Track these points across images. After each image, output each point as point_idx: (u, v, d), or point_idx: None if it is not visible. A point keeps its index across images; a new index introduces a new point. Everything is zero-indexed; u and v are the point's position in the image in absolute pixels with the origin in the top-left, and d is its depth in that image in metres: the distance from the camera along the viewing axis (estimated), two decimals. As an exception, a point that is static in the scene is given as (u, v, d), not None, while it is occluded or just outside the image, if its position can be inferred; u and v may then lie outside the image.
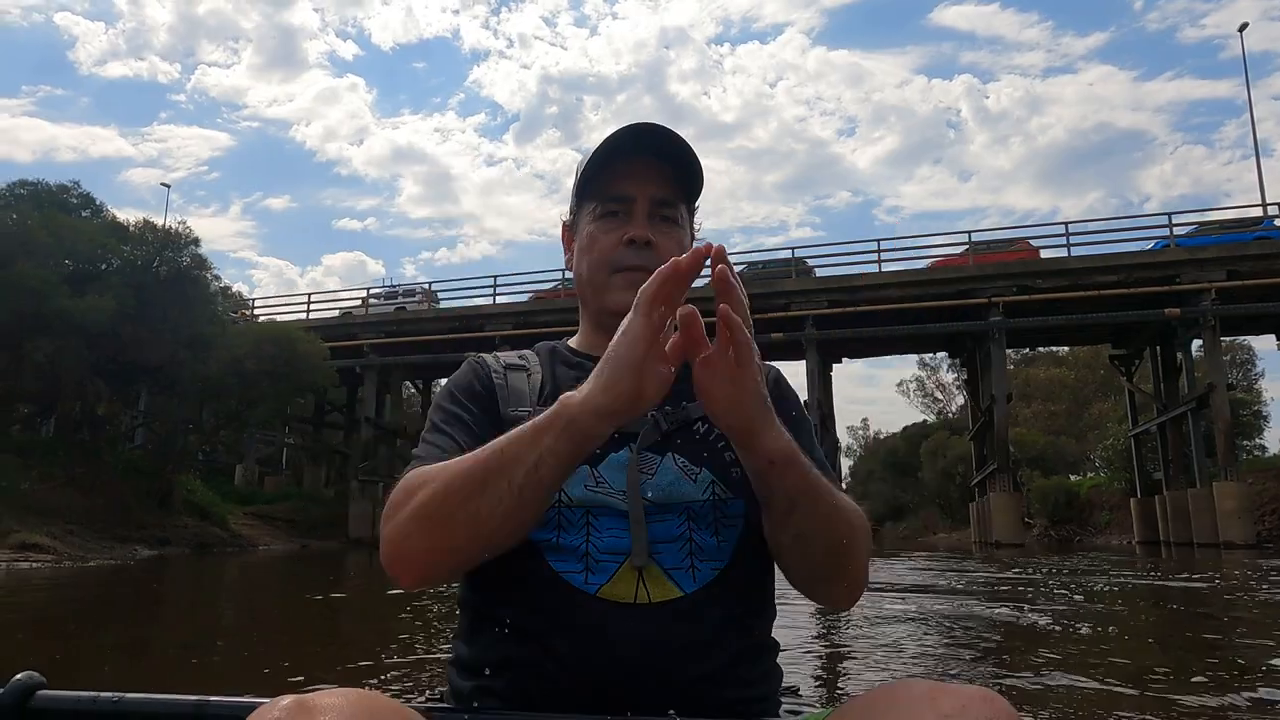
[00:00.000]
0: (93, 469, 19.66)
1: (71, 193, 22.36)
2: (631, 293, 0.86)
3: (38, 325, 17.06)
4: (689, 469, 0.90)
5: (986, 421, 24.99)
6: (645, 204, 1.00)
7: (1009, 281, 23.21)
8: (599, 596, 0.83)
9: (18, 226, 18.48)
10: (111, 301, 17.54)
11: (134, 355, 19.45)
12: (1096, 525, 32.17)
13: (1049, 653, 4.52)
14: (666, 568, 0.85)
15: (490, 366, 1.00)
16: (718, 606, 0.86)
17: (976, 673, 3.98)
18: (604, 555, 0.85)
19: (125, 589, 9.64)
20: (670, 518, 0.88)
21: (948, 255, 25.37)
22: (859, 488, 63.66)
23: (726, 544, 0.89)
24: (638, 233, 0.98)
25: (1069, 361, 45.70)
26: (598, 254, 1.00)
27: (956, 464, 39.16)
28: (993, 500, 23.19)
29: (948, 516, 43.12)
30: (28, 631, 5.73)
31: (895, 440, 52.62)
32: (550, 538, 0.86)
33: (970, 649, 4.74)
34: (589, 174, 1.01)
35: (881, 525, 52.30)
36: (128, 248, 20.45)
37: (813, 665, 4.19)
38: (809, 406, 24.65)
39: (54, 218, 18.95)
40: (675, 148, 0.99)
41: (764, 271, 26.70)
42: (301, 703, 0.60)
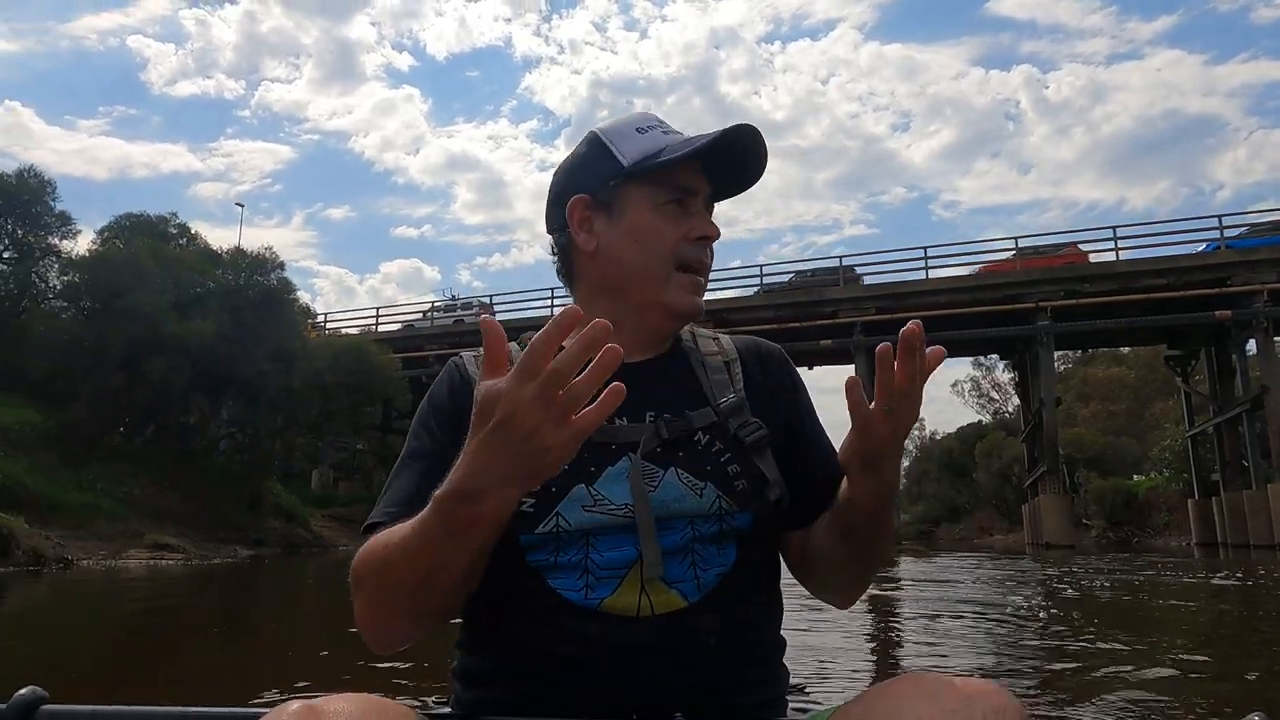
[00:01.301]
0: (191, 475, 21.54)
1: (170, 223, 24.50)
2: (694, 295, 0.93)
3: (151, 347, 18.94)
4: (692, 483, 0.88)
5: (1037, 424, 25.30)
6: (704, 201, 0.97)
7: (1057, 286, 23.51)
8: (601, 611, 0.82)
9: (128, 257, 20.46)
10: (213, 324, 19.36)
11: (228, 370, 21.28)
12: (1155, 526, 31.98)
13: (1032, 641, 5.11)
14: (670, 580, 0.84)
15: (469, 376, 0.94)
16: (722, 613, 0.85)
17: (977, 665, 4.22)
18: (605, 570, 0.83)
19: (276, 583, 11.01)
20: (672, 529, 0.86)
21: (995, 261, 25.74)
22: (914, 488, 63.36)
23: (729, 552, 0.88)
24: (713, 230, 0.96)
25: (1129, 360, 45.05)
26: (659, 246, 0.94)
27: (1012, 465, 39.08)
28: (1042, 502, 23.54)
29: (1004, 518, 42.96)
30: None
31: (950, 441, 52.44)
32: (548, 559, 0.84)
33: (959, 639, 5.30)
34: (653, 156, 0.94)
35: (937, 526, 52.12)
36: (222, 272, 22.42)
37: (819, 662, 4.26)
38: (858, 411, 25.31)
39: (158, 248, 20.95)
40: (755, 165, 0.97)
41: (811, 279, 27.43)
42: (311, 708, 0.60)
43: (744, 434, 0.91)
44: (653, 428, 0.89)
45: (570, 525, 0.84)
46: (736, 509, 0.87)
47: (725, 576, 0.85)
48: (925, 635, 5.41)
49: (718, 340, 1.03)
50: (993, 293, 24.18)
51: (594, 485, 0.86)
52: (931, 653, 4.76)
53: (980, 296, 24.26)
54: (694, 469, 0.88)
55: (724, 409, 0.93)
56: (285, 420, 25.48)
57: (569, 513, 0.85)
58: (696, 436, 0.91)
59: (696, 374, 0.96)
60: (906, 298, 25.28)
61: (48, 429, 18.08)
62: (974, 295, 24.38)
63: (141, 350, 19.01)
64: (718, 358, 0.99)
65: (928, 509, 55.84)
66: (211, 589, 10.23)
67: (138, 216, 24.21)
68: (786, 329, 26.39)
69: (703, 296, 0.96)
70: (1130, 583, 9.88)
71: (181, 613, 7.65)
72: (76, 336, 19.45)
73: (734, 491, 0.88)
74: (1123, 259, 23.68)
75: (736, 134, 0.93)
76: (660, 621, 0.82)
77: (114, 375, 19.11)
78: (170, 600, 8.77)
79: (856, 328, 25.31)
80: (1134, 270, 23.00)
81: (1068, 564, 13.40)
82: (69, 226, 23.14)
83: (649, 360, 0.97)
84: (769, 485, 0.90)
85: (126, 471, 19.40)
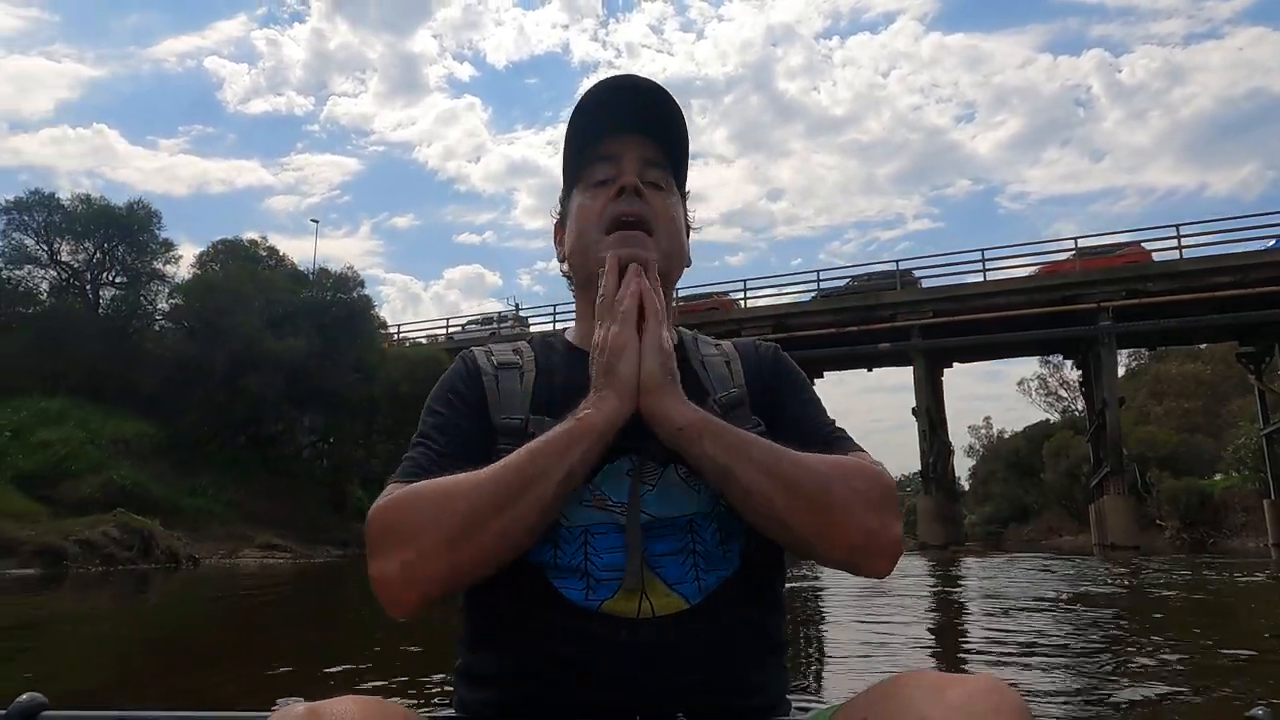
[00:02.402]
0: (281, 481, 23.27)
1: (259, 245, 26.43)
2: (619, 246, 0.92)
3: (248, 363, 20.67)
4: (693, 480, 0.87)
5: (1100, 424, 25.15)
6: (634, 162, 0.96)
7: (1118, 286, 23.35)
8: (601, 612, 0.81)
9: (226, 280, 22.30)
10: (303, 340, 21.02)
11: (316, 382, 22.96)
12: (1231, 527, 31.17)
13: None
14: (670, 581, 0.83)
15: (481, 368, 0.96)
16: (724, 615, 0.84)
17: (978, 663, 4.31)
18: (605, 573, 0.83)
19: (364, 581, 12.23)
20: (672, 531, 0.85)
21: (1054, 262, 25.65)
22: (980, 489, 62.32)
23: (732, 552, 0.86)
24: (628, 179, 0.94)
25: (1205, 356, 43.71)
26: (587, 217, 0.96)
27: (1080, 465, 38.44)
28: (1107, 503, 23.46)
29: (1073, 518, 42.22)
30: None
31: (1018, 440, 51.61)
32: (548, 557, 0.84)
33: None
34: (573, 153, 0.99)
35: (1005, 527, 51.32)
36: (308, 291, 24.16)
37: (824, 660, 4.32)
38: (916, 413, 25.58)
39: (253, 271, 22.77)
40: (661, 109, 0.97)
41: (869, 283, 27.74)
42: (314, 710, 0.60)
43: (745, 429, 0.90)
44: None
45: (570, 521, 0.84)
46: None
47: (727, 580, 0.85)
48: (922, 632, 5.53)
49: (719, 345, 1.04)
50: (1052, 294, 24.13)
51: (593, 479, 0.85)
52: (929, 649, 4.86)
53: (1039, 298, 24.24)
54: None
55: (724, 402, 0.93)
56: (366, 427, 27.17)
57: (569, 509, 0.84)
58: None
59: (696, 372, 0.97)
60: (964, 300, 25.40)
61: (160, 440, 19.91)
62: (1032, 296, 24.37)
63: (240, 366, 20.76)
64: (718, 358, 1.00)
65: (995, 509, 55.01)
66: (316, 583, 11.45)
67: (231, 241, 26.25)
68: (844, 333, 26.80)
69: (634, 249, 0.92)
70: (1176, 580, 10.16)
71: (300, 601, 8.78)
72: (182, 355, 21.32)
73: None
74: (1186, 257, 23.38)
75: (604, 86, 0.96)
76: (661, 623, 0.81)
77: (216, 390, 20.90)
78: (285, 590, 9.97)
79: (914, 331, 25.54)
80: (1198, 269, 22.71)
81: (1127, 563, 13.58)
82: (172, 252, 25.28)
83: None
84: None
85: (227, 478, 21.14)
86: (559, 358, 0.99)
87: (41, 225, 24.14)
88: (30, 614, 7.08)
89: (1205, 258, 23.03)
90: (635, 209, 0.94)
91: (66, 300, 24.31)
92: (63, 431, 17.70)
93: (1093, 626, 6.09)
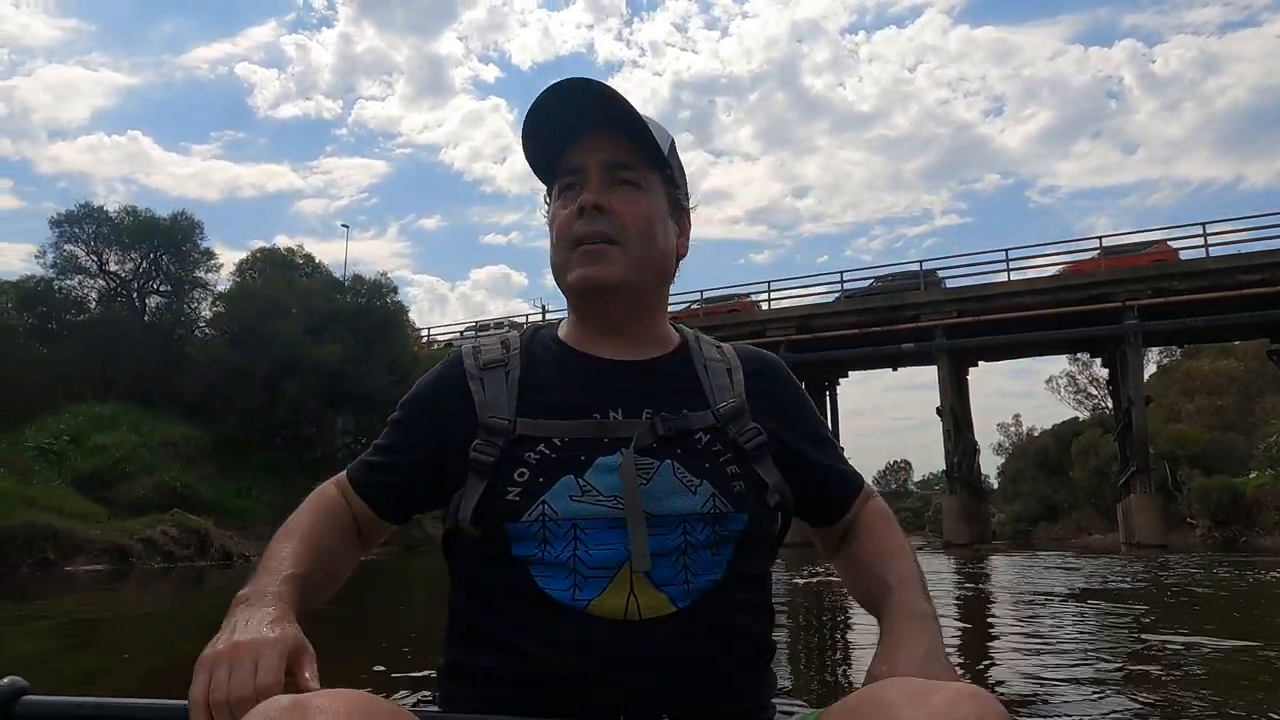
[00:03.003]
0: (319, 482, 23.93)
1: (297, 254, 27.30)
2: (585, 265, 0.91)
3: (288, 368, 21.44)
4: (688, 480, 0.86)
5: (1127, 423, 25.15)
6: (598, 170, 0.94)
7: (1144, 285, 23.36)
8: (588, 613, 0.81)
9: (265, 288, 23.13)
10: (340, 346, 21.76)
11: (351, 385, 23.70)
12: (1264, 526, 30.90)
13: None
14: (659, 583, 0.82)
15: (467, 370, 0.95)
16: (711, 620, 0.83)
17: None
18: (592, 570, 0.82)
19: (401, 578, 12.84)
20: (664, 530, 0.84)
21: (1079, 261, 25.68)
22: (1009, 487, 61.88)
23: (722, 557, 0.86)
24: (585, 198, 0.93)
25: (1238, 352, 43.14)
26: (558, 233, 0.95)
27: (1109, 463, 38.21)
28: (1133, 501, 23.50)
29: (1104, 517, 41.94)
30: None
31: (1045, 439, 51.30)
32: (535, 552, 0.83)
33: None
34: (532, 153, 0.97)
35: (1034, 526, 51.02)
36: (343, 297, 24.95)
37: (811, 664, 4.33)
38: (941, 413, 25.75)
39: (291, 279, 23.58)
40: (610, 108, 0.92)
41: (892, 284, 27.93)
42: (298, 703, 0.61)
43: (743, 440, 0.90)
44: (649, 423, 0.88)
45: (557, 514, 0.84)
46: (733, 510, 0.86)
47: (715, 583, 0.84)
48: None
49: (720, 348, 1.03)
50: (1077, 293, 24.18)
51: (583, 476, 0.85)
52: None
53: (1064, 297, 24.30)
54: (691, 465, 0.87)
55: (724, 413, 0.92)
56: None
57: (556, 501, 0.84)
58: (698, 435, 0.89)
59: (699, 376, 0.96)
60: (988, 300, 25.52)
61: (205, 443, 20.73)
62: (1057, 296, 24.43)
63: (280, 371, 21.54)
64: (720, 364, 0.99)
65: (1024, 508, 54.68)
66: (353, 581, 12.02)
67: (269, 249, 27.14)
68: (868, 333, 27.02)
69: (595, 267, 0.92)
70: (1195, 576, 10.36)
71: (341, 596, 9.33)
72: (224, 360, 22.12)
73: (731, 492, 0.87)
74: (1213, 255, 23.33)
75: (551, 95, 0.91)
76: (647, 625, 0.81)
77: (257, 394, 21.68)
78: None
79: (938, 331, 25.72)
80: (1225, 266, 22.66)
81: (1150, 561, 13.73)
82: (213, 261, 26.20)
83: (650, 360, 0.96)
84: (768, 490, 0.89)
85: (267, 480, 21.93)
86: (547, 353, 0.98)
87: (90, 236, 25.15)
88: (100, 609, 7.68)
89: (1232, 255, 22.99)
90: (597, 228, 0.92)
91: (114, 309, 25.32)
92: (116, 435, 18.56)
93: (1098, 621, 6.28)
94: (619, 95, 0.92)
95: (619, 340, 0.97)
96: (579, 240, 0.93)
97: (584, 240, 0.92)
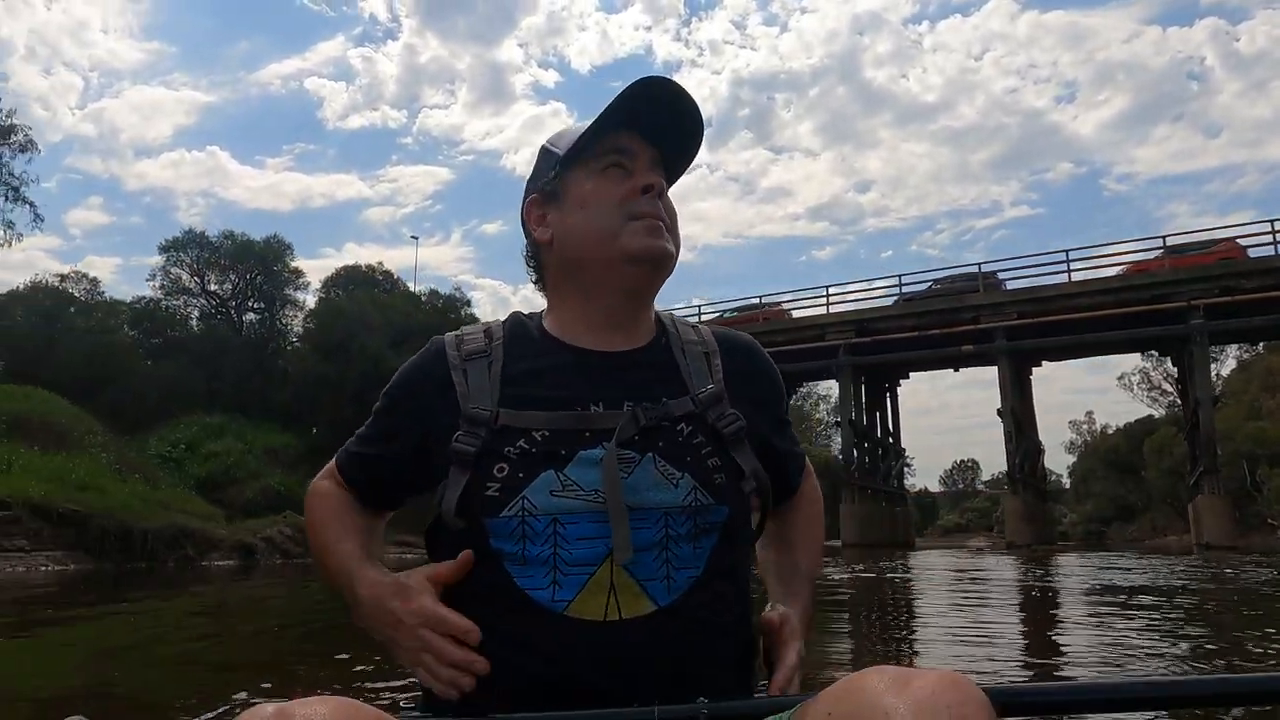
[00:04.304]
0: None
1: (376, 271, 29.20)
2: (650, 238, 0.92)
3: (374, 380, 23.09)
4: (669, 473, 0.87)
5: (1194, 423, 24.91)
6: (647, 160, 0.96)
7: (1210, 284, 23.11)
8: (567, 615, 0.81)
9: (352, 305, 24.94)
10: (420, 358, 23.42)
11: (429, 395, 25.35)
12: (1348, 526, 29.94)
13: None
14: (640, 578, 0.83)
15: (449, 361, 0.94)
16: (693, 617, 0.84)
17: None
18: (572, 568, 0.83)
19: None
20: (646, 524, 0.84)
21: (1142, 260, 25.48)
22: (1080, 487, 60.41)
23: (703, 550, 0.87)
24: (654, 179, 0.94)
25: (1323, 346, 41.51)
26: (606, 202, 0.93)
27: (1184, 462, 37.36)
28: (1201, 502, 23.31)
29: (1181, 518, 40.92)
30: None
31: (1117, 438, 50.14)
32: (515, 550, 0.84)
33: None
34: (587, 138, 0.94)
35: (1108, 526, 49.89)
36: (420, 311, 26.65)
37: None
38: (1001, 414, 25.87)
39: (375, 296, 25.33)
40: (690, 119, 0.97)
41: (952, 286, 28.11)
42: (283, 711, 0.60)
43: (721, 425, 0.91)
44: (630, 414, 0.88)
45: (537, 509, 0.84)
46: (713, 502, 0.87)
47: (696, 580, 0.85)
48: (909, 626, 5.65)
49: (697, 329, 1.03)
50: (1140, 293, 24.01)
51: (564, 470, 0.85)
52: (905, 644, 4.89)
53: (1126, 297, 24.16)
54: (672, 458, 0.88)
55: (702, 399, 0.93)
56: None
57: (536, 496, 0.84)
58: (679, 427, 0.90)
59: (678, 362, 0.97)
60: (1049, 301, 25.52)
61: (300, 450, 22.52)
62: (1119, 296, 24.30)
63: (368, 383, 23.26)
64: (697, 347, 0.99)
65: (1096, 508, 53.49)
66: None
67: (353, 268, 29.07)
68: (926, 336, 27.31)
69: (664, 241, 0.94)
70: (1227, 576, 10.52)
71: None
72: (316, 373, 23.95)
73: (712, 484, 0.88)
74: (1283, 252, 22.95)
75: (647, 86, 0.93)
76: (627, 627, 0.81)
77: (346, 405, 23.41)
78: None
79: (998, 333, 25.85)
80: (1295, 264, 22.31)
81: (1209, 563, 13.74)
82: (302, 279, 28.28)
83: (631, 350, 0.97)
84: (745, 477, 0.91)
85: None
86: (530, 344, 0.97)
87: (194, 260, 27.46)
88: (226, 598, 8.88)
89: (1303, 253, 22.56)
90: (658, 211, 0.94)
91: (214, 326, 27.57)
92: (224, 444, 20.45)
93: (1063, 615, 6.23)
94: (699, 113, 0.98)
95: (607, 331, 0.97)
96: (643, 215, 0.93)
97: (649, 216, 0.93)
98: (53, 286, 26.83)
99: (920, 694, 0.60)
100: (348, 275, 28.85)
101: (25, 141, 22.56)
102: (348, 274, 28.78)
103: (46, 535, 12.24)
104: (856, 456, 29.28)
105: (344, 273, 28.74)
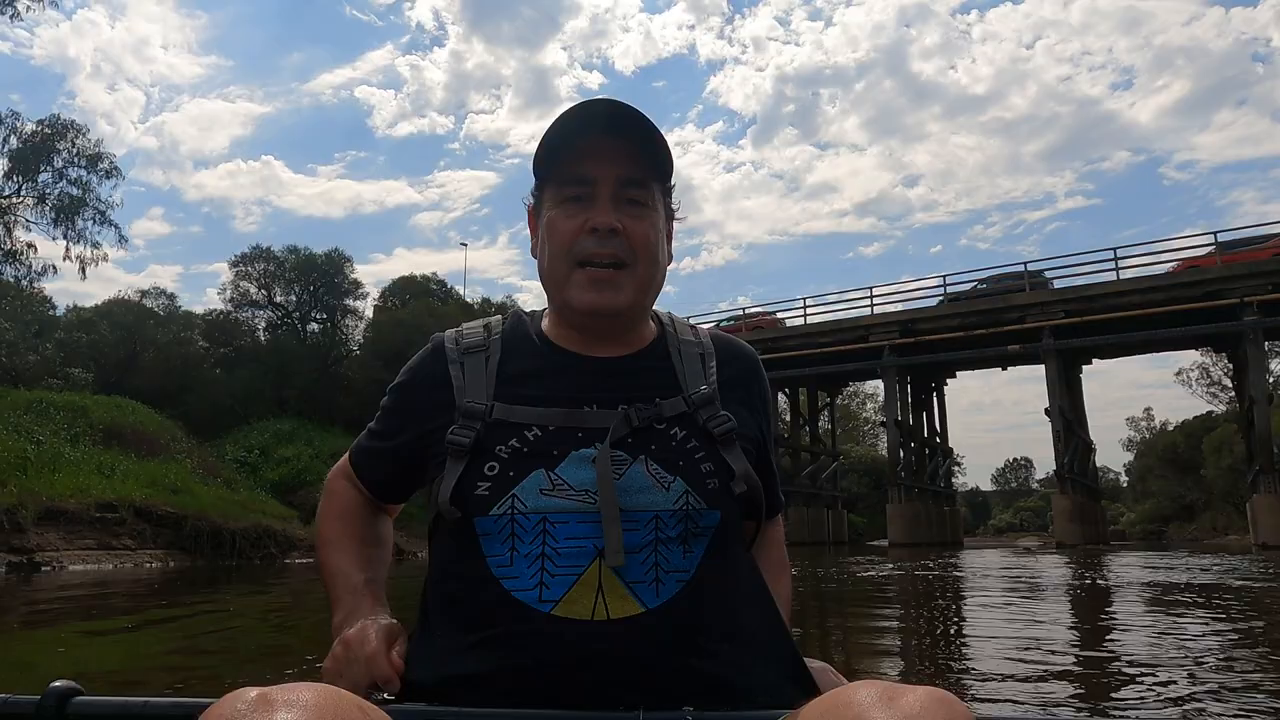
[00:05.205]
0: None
1: (431, 281, 30.40)
2: (593, 292, 0.92)
3: (432, 387, 24.26)
4: (661, 476, 0.87)
5: (1249, 422, 24.56)
6: (610, 186, 0.94)
7: (1263, 280, 22.83)
8: (554, 615, 0.81)
9: (410, 315, 26.09)
10: (474, 366, 24.46)
11: (483, 400, 26.39)
12: None
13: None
14: (628, 580, 0.83)
15: (448, 356, 0.98)
16: (680, 621, 0.83)
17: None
18: (560, 569, 0.82)
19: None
20: (636, 526, 0.84)
21: (1193, 257, 25.21)
22: (1137, 485, 59.09)
23: (693, 555, 0.86)
24: (600, 220, 0.92)
25: (1394, 339, 40.11)
26: (558, 244, 0.94)
27: (1244, 460, 36.53)
28: (1258, 501, 23.01)
29: (1242, 516, 39.93)
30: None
31: (1175, 435, 49.03)
32: (503, 551, 0.84)
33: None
34: (544, 155, 0.95)
35: (1167, 525, 48.83)
36: (473, 319, 27.72)
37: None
38: (1049, 414, 25.78)
39: (431, 306, 26.42)
40: (637, 124, 0.94)
41: (997, 285, 28.09)
42: (265, 696, 0.60)
43: (712, 426, 0.92)
44: (623, 415, 0.89)
45: (526, 508, 0.85)
46: (705, 507, 0.87)
47: (685, 583, 0.85)
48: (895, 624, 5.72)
49: (696, 331, 1.05)
50: (1190, 290, 23.82)
51: (555, 470, 0.86)
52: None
53: (1176, 295, 23.97)
54: (664, 461, 0.88)
55: (695, 400, 0.94)
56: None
57: (526, 496, 0.85)
58: (672, 430, 0.90)
59: (673, 363, 0.98)
60: (1097, 300, 25.42)
61: (363, 453, 23.67)
62: (1169, 294, 24.13)
63: (425, 390, 24.39)
64: (694, 349, 1.01)
65: (1155, 507, 52.38)
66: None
67: (408, 278, 30.32)
68: (973, 336, 27.36)
69: (608, 293, 0.93)
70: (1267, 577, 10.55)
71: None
72: (376, 380, 25.08)
73: (704, 489, 0.88)
74: (1340, 247, 22.55)
75: (586, 112, 0.93)
76: (613, 628, 0.81)
77: (406, 410, 24.57)
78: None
79: (1046, 332, 25.82)
80: (1353, 259, 21.91)
81: (1258, 561, 13.66)
82: (360, 289, 29.60)
83: (625, 356, 0.98)
84: (735, 478, 0.90)
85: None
86: (527, 344, 0.99)
87: (260, 274, 28.97)
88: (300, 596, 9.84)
89: (1361, 248, 22.14)
90: (609, 250, 0.93)
91: (280, 336, 29.03)
92: (295, 448, 21.68)
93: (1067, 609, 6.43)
94: (639, 111, 0.94)
95: (602, 343, 0.98)
96: (588, 260, 0.93)
97: (593, 261, 0.93)
98: (132, 301, 28.61)
99: (908, 710, 0.60)
100: (404, 286, 30.13)
101: (110, 168, 24.13)
102: (404, 285, 30.07)
103: (149, 535, 13.43)
104: (903, 456, 29.46)
105: (400, 283, 30.04)
